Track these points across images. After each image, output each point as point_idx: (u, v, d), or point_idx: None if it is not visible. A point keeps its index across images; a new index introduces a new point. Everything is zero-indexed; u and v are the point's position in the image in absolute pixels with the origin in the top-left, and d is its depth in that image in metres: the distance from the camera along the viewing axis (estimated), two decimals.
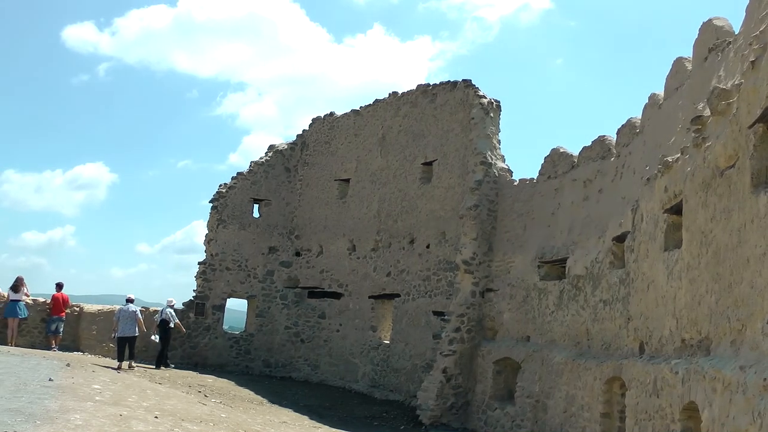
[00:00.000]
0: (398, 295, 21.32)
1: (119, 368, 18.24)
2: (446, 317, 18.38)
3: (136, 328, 19.17)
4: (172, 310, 21.93)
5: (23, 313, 20.76)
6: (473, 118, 18.93)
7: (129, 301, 19.75)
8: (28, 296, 21.16)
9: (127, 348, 18.98)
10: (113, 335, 19.44)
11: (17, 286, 20.92)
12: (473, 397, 17.40)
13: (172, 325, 21.57)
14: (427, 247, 20.42)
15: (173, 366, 21.65)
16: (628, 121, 13.60)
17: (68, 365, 15.01)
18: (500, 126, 19.10)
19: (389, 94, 23.25)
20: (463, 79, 20.11)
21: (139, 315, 19.56)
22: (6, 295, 20.94)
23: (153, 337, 21.94)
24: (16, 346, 19.84)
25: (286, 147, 26.11)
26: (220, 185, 25.09)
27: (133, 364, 19.15)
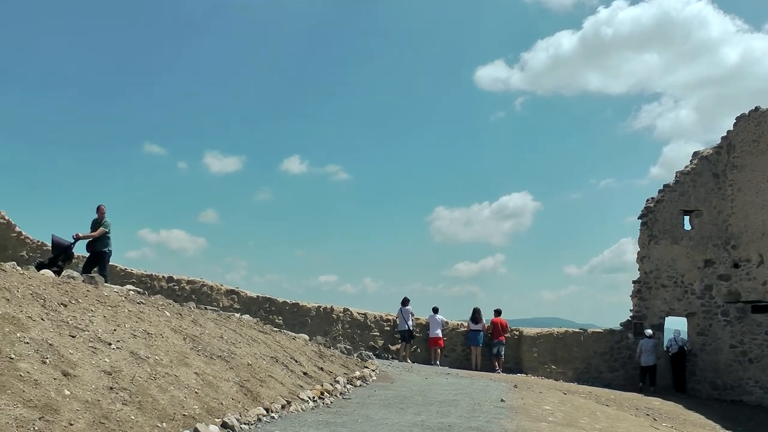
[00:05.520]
0: None
1: (641, 391, 21.64)
2: None
3: (655, 358, 22.48)
4: (684, 338, 23.56)
5: (482, 341, 22.40)
6: None
7: (649, 337, 22.74)
8: (485, 327, 22.68)
9: (648, 375, 22.57)
10: (638, 361, 22.76)
11: (477, 317, 22.65)
12: None
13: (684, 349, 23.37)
14: None
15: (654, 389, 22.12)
16: None
17: (515, 387, 15.49)
18: None
19: None
20: None
21: (656, 347, 22.75)
22: (467, 325, 22.79)
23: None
24: (477, 370, 21.33)
25: (711, 152, 24.26)
26: (647, 200, 24.23)
27: (652, 388, 21.98)
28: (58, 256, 14.89)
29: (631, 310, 23.83)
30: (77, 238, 15.50)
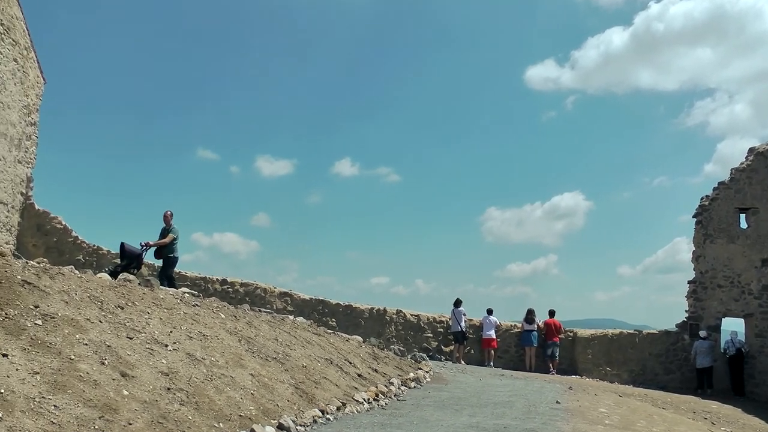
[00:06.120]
0: None
1: (699, 394, 20.65)
2: None
3: (711, 360, 21.87)
4: (742, 339, 22.92)
5: (536, 341, 22.11)
6: None
7: (704, 338, 22.16)
8: (540, 326, 22.37)
9: (705, 377, 21.87)
10: (693, 363, 22.12)
11: (530, 318, 22.39)
12: None
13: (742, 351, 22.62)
14: None
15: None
16: None
17: (570, 388, 15.23)
18: None
19: None
20: None
21: (712, 349, 22.06)
22: (521, 325, 22.51)
23: None
24: (532, 371, 21.08)
25: (767, 147, 23.55)
26: (702, 198, 23.57)
27: (709, 391, 21.27)
28: (130, 264, 14.94)
29: (686, 311, 23.20)
30: (147, 246, 15.59)
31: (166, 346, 7.66)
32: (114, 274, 12.20)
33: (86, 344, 6.60)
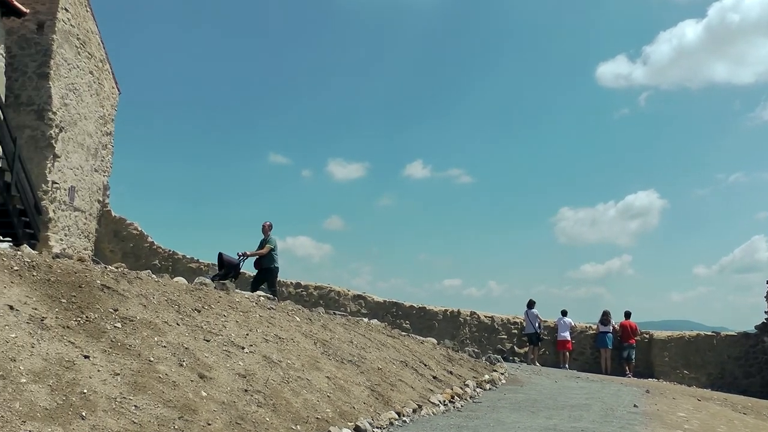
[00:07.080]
0: None
1: None
2: None
3: None
4: None
5: (611, 343, 21.54)
6: None
7: None
8: (615, 329, 21.79)
9: None
10: None
11: (606, 319, 21.83)
12: None
13: None
14: None
15: None
16: None
17: (647, 392, 14.76)
18: None
19: None
20: None
21: None
22: (596, 327, 21.99)
23: None
24: (607, 374, 20.54)
25: None
26: None
27: None
28: (228, 273, 15.15)
29: (765, 312, 22.17)
30: (245, 256, 15.78)
31: (243, 348, 7.61)
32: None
33: (164, 346, 6.59)
